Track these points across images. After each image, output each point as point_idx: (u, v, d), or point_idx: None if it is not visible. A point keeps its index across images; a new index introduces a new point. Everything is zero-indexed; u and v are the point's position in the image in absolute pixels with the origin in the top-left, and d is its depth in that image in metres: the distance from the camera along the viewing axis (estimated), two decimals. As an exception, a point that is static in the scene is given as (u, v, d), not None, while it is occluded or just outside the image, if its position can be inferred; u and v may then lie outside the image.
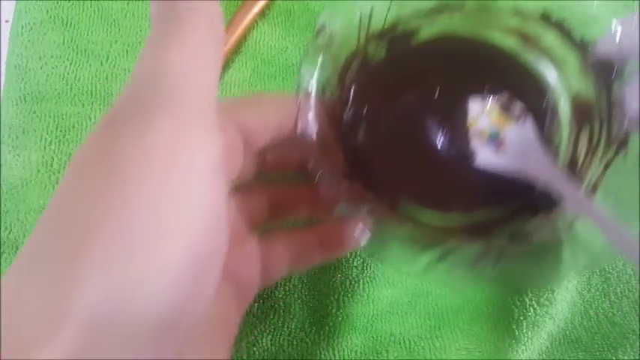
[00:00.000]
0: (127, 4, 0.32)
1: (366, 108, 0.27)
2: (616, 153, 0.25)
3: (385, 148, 0.27)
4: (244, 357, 0.28)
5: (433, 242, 0.24)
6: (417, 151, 0.27)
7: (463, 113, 0.27)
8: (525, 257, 0.24)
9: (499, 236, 0.25)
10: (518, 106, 0.27)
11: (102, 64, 0.31)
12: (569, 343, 0.30)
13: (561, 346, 0.30)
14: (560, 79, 0.28)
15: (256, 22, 0.33)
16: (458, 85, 0.27)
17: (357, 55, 0.27)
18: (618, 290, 0.31)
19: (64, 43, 0.31)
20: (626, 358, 0.30)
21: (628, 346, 0.30)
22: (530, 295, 0.29)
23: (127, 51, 0.32)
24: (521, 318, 0.29)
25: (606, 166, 0.25)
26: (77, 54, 0.31)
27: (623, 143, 0.25)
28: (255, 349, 0.28)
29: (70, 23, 0.32)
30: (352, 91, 0.27)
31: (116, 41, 0.32)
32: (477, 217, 0.27)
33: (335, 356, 0.29)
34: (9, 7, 0.33)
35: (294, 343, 0.28)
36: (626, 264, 0.31)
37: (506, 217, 0.26)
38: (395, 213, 0.26)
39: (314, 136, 0.22)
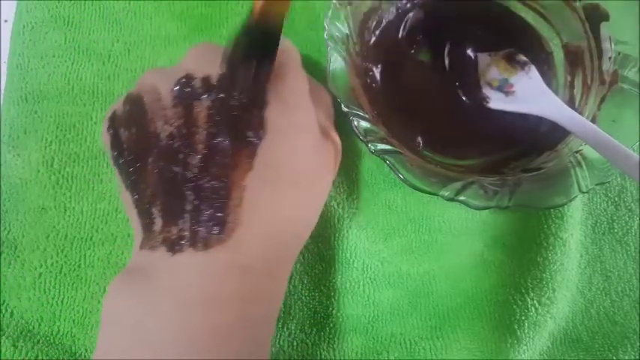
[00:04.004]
0: (129, 3, 0.32)
1: (383, 61, 0.31)
2: (608, 89, 0.28)
3: (402, 98, 0.31)
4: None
5: (453, 178, 0.26)
6: (432, 103, 0.31)
7: (473, 65, 0.31)
8: (538, 184, 0.26)
9: (513, 171, 0.28)
10: (521, 58, 0.30)
11: (104, 64, 0.31)
12: (570, 342, 0.30)
13: (562, 345, 0.30)
14: (552, 30, 0.31)
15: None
16: (464, 40, 0.31)
17: (373, 11, 0.30)
18: (619, 289, 0.31)
19: (65, 43, 0.31)
20: (626, 357, 0.30)
21: (629, 345, 0.30)
22: (532, 294, 0.29)
23: (128, 50, 0.32)
24: (523, 318, 0.29)
25: (601, 102, 0.28)
26: (79, 53, 0.31)
27: (614, 80, 0.28)
28: (255, 349, 0.28)
29: (72, 22, 0.32)
30: (371, 44, 0.31)
31: (118, 40, 0.32)
32: (490, 158, 0.30)
33: (335, 357, 0.28)
34: (9, 7, 0.33)
35: (295, 344, 0.28)
36: (628, 263, 0.31)
37: (516, 156, 0.30)
38: (418, 155, 0.28)
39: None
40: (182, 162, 0.21)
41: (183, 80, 0.22)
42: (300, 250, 0.25)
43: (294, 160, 0.22)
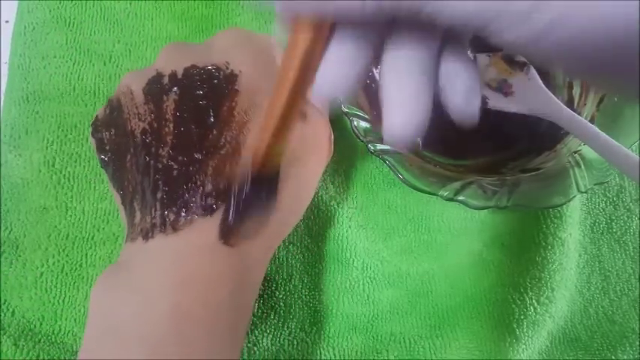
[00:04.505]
0: (130, 4, 0.32)
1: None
2: (607, 90, 0.28)
3: None
4: (245, 357, 0.28)
5: (452, 178, 0.26)
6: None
7: None
8: (537, 184, 0.26)
9: (511, 171, 0.28)
10: (520, 58, 0.30)
11: (105, 64, 0.31)
12: (568, 341, 0.31)
13: (561, 345, 0.30)
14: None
15: (257, 21, 0.33)
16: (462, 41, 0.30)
17: None
18: (618, 289, 0.31)
19: (66, 43, 0.31)
20: (625, 357, 0.30)
21: (627, 345, 0.30)
22: (531, 293, 0.29)
23: (129, 51, 0.32)
24: (522, 317, 0.29)
25: (600, 102, 0.28)
26: (80, 54, 0.31)
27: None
28: (255, 349, 0.28)
29: (73, 23, 0.32)
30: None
31: (119, 41, 0.32)
32: (489, 158, 0.30)
33: (335, 356, 0.29)
34: (10, 8, 0.33)
35: (295, 343, 0.28)
36: (626, 262, 0.32)
37: (515, 156, 0.30)
38: (417, 155, 0.28)
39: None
40: (154, 154, 0.22)
41: (153, 78, 0.23)
42: (288, 233, 0.26)
43: None
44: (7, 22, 0.33)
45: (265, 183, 0.21)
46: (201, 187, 0.21)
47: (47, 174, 0.29)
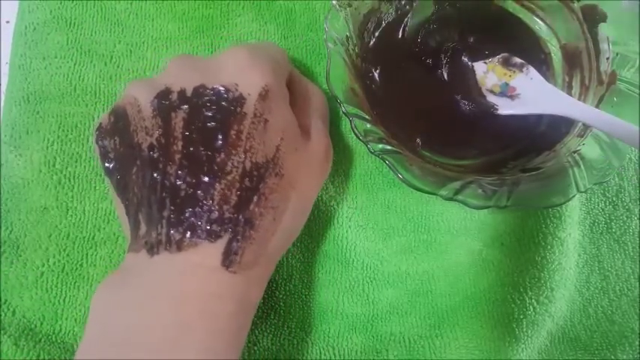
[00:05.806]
0: (131, 4, 0.32)
1: (382, 62, 0.31)
2: (606, 89, 0.28)
3: (401, 99, 0.31)
4: (245, 356, 0.28)
5: (452, 178, 0.26)
6: (431, 104, 0.31)
7: (471, 76, 0.31)
8: (536, 184, 0.26)
9: (511, 171, 0.28)
10: (516, 60, 0.30)
11: (105, 65, 0.31)
12: (568, 341, 0.31)
13: (560, 344, 0.31)
14: (551, 31, 0.32)
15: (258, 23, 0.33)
16: (462, 41, 0.31)
17: (372, 13, 0.30)
18: (617, 288, 0.31)
19: (67, 44, 0.31)
20: (624, 357, 0.30)
21: (627, 344, 0.30)
22: (530, 293, 0.29)
23: (130, 51, 0.32)
24: (521, 317, 0.29)
25: (599, 102, 0.28)
26: (81, 54, 0.31)
27: (612, 80, 0.28)
28: (256, 348, 0.28)
29: (74, 23, 0.32)
30: (370, 46, 0.31)
31: (120, 41, 0.32)
32: (489, 158, 0.30)
33: (335, 356, 0.29)
34: (11, 8, 0.33)
35: (295, 342, 0.29)
36: (625, 262, 0.32)
37: (515, 156, 0.30)
38: (417, 155, 0.28)
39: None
40: (161, 171, 0.22)
41: (162, 93, 0.23)
42: (283, 254, 0.26)
43: (271, 163, 0.23)
44: (7, 22, 0.33)
45: None
46: (208, 213, 0.21)
47: (48, 174, 0.29)
